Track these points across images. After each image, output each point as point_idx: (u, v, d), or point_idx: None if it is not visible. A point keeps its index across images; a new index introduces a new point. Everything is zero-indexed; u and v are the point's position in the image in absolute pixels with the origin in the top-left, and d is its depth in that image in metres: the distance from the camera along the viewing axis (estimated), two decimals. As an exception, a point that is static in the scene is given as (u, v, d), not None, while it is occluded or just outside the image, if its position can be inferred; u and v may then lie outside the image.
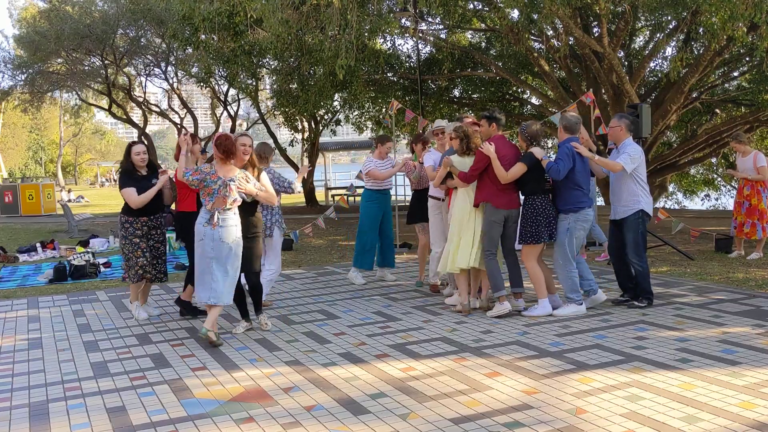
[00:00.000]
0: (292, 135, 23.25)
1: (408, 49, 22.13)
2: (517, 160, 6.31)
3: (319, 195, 26.89)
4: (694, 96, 15.76)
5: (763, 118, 15.41)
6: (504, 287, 6.40)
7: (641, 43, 17.65)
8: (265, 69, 18.66)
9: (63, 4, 23.52)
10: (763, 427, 3.68)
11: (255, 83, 18.87)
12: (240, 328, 6.18)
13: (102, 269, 9.98)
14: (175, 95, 27.39)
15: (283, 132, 26.52)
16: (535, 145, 6.37)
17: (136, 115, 32.12)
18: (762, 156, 9.24)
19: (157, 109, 30.24)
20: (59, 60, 24.34)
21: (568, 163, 6.19)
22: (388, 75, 18.44)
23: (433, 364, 5.04)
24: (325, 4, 11.32)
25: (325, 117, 21.36)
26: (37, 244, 12.52)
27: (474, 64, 17.86)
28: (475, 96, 19.74)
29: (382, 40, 18.46)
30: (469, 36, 19.95)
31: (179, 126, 28.61)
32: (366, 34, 13.12)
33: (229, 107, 26.33)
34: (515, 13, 14.02)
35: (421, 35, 16.32)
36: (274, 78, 18.36)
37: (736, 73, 16.52)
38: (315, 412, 4.17)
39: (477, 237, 6.43)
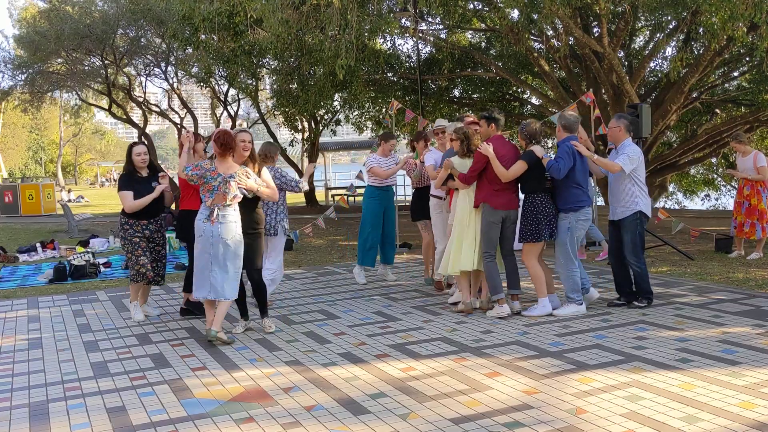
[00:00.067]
0: (292, 135, 23.26)
1: (408, 49, 22.15)
2: (516, 159, 6.31)
3: (319, 195, 26.90)
4: (694, 96, 15.76)
5: (763, 118, 15.41)
6: (503, 290, 6.39)
7: (641, 43, 17.65)
8: (265, 69, 18.66)
9: (63, 4, 23.51)
10: (763, 427, 3.68)
11: (255, 83, 18.86)
12: (240, 327, 6.18)
13: (102, 269, 9.99)
14: (175, 95, 27.36)
15: (283, 132, 26.54)
16: (534, 144, 6.38)
17: (136, 115, 32.10)
18: (762, 156, 9.24)
19: (157, 109, 30.21)
20: (59, 60, 24.33)
21: (569, 162, 6.20)
22: (388, 75, 18.44)
23: (433, 364, 5.04)
24: (325, 4, 11.32)
25: (325, 117, 21.36)
26: (37, 244, 12.52)
27: (474, 64, 17.86)
28: (475, 96, 19.74)
29: (382, 40, 18.46)
30: (469, 36, 19.95)
31: (179, 126, 28.59)
32: (366, 34, 13.12)
33: (229, 107, 26.31)
34: (515, 13, 14.02)
35: (421, 35, 16.32)
36: (274, 78, 18.37)
37: (736, 73, 16.52)
38: (315, 412, 4.18)
39: (478, 239, 6.44)
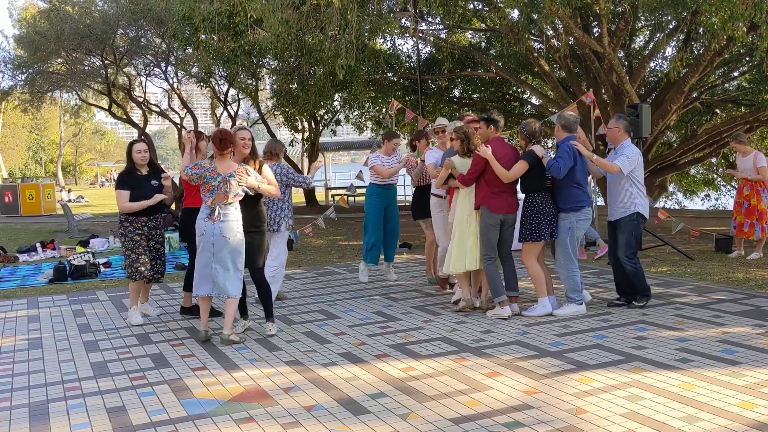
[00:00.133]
0: (292, 135, 23.27)
1: (408, 49, 22.16)
2: (516, 160, 6.31)
3: (319, 195, 26.90)
4: (694, 96, 15.75)
5: (763, 118, 15.40)
6: (504, 292, 6.39)
7: (641, 43, 17.64)
8: (265, 69, 18.66)
9: (63, 4, 23.54)
10: (763, 427, 3.68)
11: (255, 83, 18.86)
12: (239, 327, 6.17)
13: (102, 269, 9.98)
14: (175, 95, 27.39)
15: (283, 132, 26.54)
16: (534, 143, 6.38)
17: (136, 115, 32.13)
18: (762, 156, 9.24)
19: (157, 109, 30.25)
20: (59, 60, 24.36)
21: (569, 161, 6.20)
22: (388, 75, 18.44)
23: (433, 364, 5.04)
24: (325, 4, 11.32)
25: (325, 117, 21.37)
26: (37, 244, 12.51)
27: (474, 64, 17.86)
28: (475, 96, 19.74)
29: (382, 40, 18.46)
30: (469, 36, 19.95)
31: (179, 126, 28.61)
32: (366, 34, 13.12)
33: (229, 107, 26.33)
34: (515, 13, 14.03)
35: (421, 35, 16.32)
36: (274, 78, 18.37)
37: (736, 73, 16.51)
38: (315, 412, 4.18)
39: (478, 239, 6.44)
